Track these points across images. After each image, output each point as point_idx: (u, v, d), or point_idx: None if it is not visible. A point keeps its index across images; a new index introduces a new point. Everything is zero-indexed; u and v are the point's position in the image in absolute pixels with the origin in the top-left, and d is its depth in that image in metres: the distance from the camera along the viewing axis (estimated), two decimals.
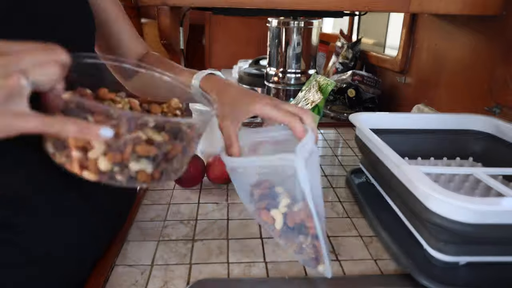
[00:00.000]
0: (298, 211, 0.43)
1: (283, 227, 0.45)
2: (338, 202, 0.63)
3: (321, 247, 0.43)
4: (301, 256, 0.45)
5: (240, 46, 1.99)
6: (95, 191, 0.45)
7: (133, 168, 0.34)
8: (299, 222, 0.44)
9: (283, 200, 0.45)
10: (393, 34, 1.38)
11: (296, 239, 0.45)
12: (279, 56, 1.11)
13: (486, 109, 0.74)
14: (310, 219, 0.42)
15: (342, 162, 0.79)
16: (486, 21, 0.75)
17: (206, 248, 0.51)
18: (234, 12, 1.09)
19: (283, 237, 0.46)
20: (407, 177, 0.46)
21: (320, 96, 0.63)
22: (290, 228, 0.45)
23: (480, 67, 0.77)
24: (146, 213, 0.59)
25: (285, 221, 0.44)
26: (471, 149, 0.68)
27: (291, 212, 0.44)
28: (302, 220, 0.44)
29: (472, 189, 0.57)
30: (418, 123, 0.68)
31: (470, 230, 0.40)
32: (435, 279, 0.43)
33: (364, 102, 1.19)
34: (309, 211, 0.41)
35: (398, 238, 0.49)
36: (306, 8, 0.69)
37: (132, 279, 0.45)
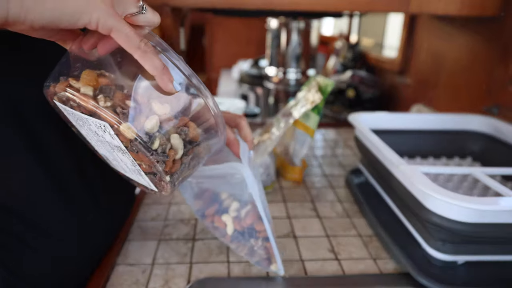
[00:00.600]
0: (246, 215, 0.45)
1: (234, 232, 0.47)
2: (337, 202, 0.63)
3: (272, 248, 0.44)
4: (253, 258, 0.47)
5: (240, 46, 2.00)
6: (95, 191, 0.45)
7: (172, 140, 0.32)
8: (248, 225, 0.46)
9: (233, 204, 0.47)
10: (392, 35, 1.38)
11: (247, 242, 0.46)
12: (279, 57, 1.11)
13: (484, 109, 0.74)
14: (259, 222, 0.44)
15: (341, 162, 0.79)
16: (485, 22, 0.76)
17: (207, 247, 0.51)
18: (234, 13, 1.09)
19: (234, 242, 0.48)
20: (406, 176, 0.47)
21: (320, 97, 0.64)
22: (240, 233, 0.46)
23: (479, 67, 0.78)
24: (147, 213, 0.59)
25: (235, 226, 0.46)
26: (469, 149, 0.68)
27: (240, 217, 0.46)
28: (251, 223, 0.45)
29: (470, 188, 0.57)
30: (417, 123, 0.68)
31: (468, 229, 0.41)
32: (433, 278, 0.43)
33: (364, 103, 1.20)
34: (258, 214, 0.43)
35: (397, 237, 0.50)
36: (305, 8, 0.69)
37: (133, 278, 0.45)
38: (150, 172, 0.33)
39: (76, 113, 0.30)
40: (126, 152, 0.32)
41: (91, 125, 0.31)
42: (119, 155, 0.33)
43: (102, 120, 0.29)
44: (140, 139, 0.29)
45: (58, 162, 0.40)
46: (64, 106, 0.31)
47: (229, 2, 0.68)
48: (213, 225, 0.49)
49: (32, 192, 0.39)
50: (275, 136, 0.65)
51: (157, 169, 0.32)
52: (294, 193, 0.66)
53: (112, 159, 0.36)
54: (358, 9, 0.71)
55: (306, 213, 0.60)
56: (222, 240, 0.50)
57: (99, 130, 0.31)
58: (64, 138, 0.41)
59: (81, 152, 0.42)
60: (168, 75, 0.30)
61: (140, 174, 0.35)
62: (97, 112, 0.29)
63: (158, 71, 0.29)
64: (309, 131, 0.66)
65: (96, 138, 0.33)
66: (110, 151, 0.34)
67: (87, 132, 0.33)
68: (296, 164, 0.69)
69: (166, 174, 0.32)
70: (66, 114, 0.33)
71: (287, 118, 0.66)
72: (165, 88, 0.30)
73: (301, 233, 0.54)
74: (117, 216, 0.53)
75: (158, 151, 0.31)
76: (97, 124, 0.30)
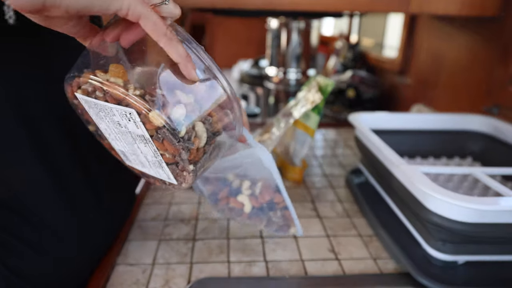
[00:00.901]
0: (262, 191, 0.47)
1: (252, 209, 0.48)
2: (337, 202, 0.63)
3: (291, 214, 0.46)
4: (271, 228, 0.48)
5: (240, 46, 2.00)
6: (95, 190, 0.45)
7: (196, 128, 0.32)
8: (267, 201, 0.47)
9: (244, 184, 0.48)
10: (392, 35, 1.38)
11: (265, 215, 0.48)
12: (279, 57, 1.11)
13: (484, 109, 0.74)
14: (278, 194, 0.46)
15: (341, 162, 0.79)
16: (485, 22, 0.76)
17: (207, 247, 0.51)
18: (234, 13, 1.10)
19: (252, 218, 0.48)
20: (406, 176, 0.47)
21: (320, 97, 0.64)
22: (259, 209, 0.48)
23: (479, 67, 0.78)
24: (147, 213, 0.59)
25: (252, 203, 0.47)
26: (469, 149, 0.68)
27: (255, 194, 0.47)
28: (270, 199, 0.47)
29: (470, 188, 0.57)
30: (417, 123, 0.68)
31: (468, 229, 0.41)
32: (433, 278, 0.43)
33: (364, 102, 1.20)
34: (273, 187, 0.45)
35: (397, 237, 0.50)
36: (305, 8, 0.69)
37: (133, 278, 0.45)
38: (173, 163, 0.34)
39: (100, 104, 0.31)
40: (150, 142, 0.32)
41: (115, 115, 0.31)
42: (141, 146, 0.34)
43: (131, 107, 0.29)
44: (168, 126, 0.30)
45: (60, 161, 0.41)
46: (87, 98, 0.31)
47: (229, 2, 0.68)
48: (228, 206, 0.49)
49: (33, 191, 0.39)
50: (275, 136, 0.65)
51: (182, 157, 0.32)
52: (294, 193, 0.66)
53: (131, 153, 0.36)
54: (358, 9, 0.71)
55: (306, 213, 0.60)
56: (238, 220, 0.50)
57: (123, 119, 0.31)
58: (66, 136, 0.41)
59: (82, 151, 0.42)
60: (192, 63, 0.30)
61: (161, 166, 0.35)
62: (126, 99, 0.29)
63: (182, 59, 0.30)
64: (309, 131, 0.66)
65: (117, 130, 0.34)
66: (130, 143, 0.34)
67: (107, 125, 0.34)
68: (296, 164, 0.69)
69: (190, 163, 0.33)
70: (87, 107, 0.33)
71: (287, 118, 0.66)
72: (188, 75, 0.31)
73: None
74: (118, 215, 0.53)
75: (185, 138, 0.31)
76: (123, 113, 0.30)
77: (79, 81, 0.31)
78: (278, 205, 0.47)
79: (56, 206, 0.40)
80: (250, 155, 0.43)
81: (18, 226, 0.38)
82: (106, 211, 0.48)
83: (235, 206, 0.48)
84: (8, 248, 0.37)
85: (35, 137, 0.38)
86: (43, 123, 0.39)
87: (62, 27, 0.29)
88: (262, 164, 0.43)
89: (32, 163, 0.38)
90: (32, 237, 0.38)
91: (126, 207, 0.57)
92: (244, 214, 0.48)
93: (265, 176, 0.46)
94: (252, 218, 0.49)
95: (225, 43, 2.03)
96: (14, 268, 0.37)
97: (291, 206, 0.46)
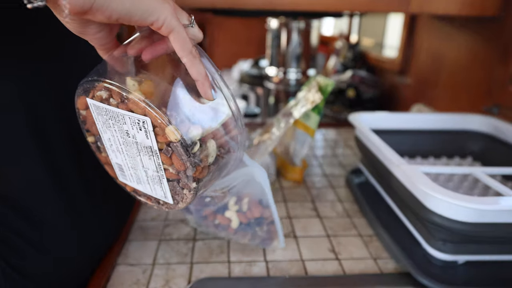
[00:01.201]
0: (250, 207, 0.47)
1: (240, 225, 0.48)
2: (338, 202, 0.63)
3: (277, 228, 0.48)
4: (255, 241, 0.49)
5: (240, 46, 2.00)
6: (96, 190, 0.45)
7: (208, 144, 0.33)
8: (256, 217, 0.47)
9: (231, 200, 0.48)
10: (392, 35, 1.38)
11: (251, 230, 0.48)
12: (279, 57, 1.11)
13: (484, 109, 0.74)
14: (267, 210, 0.47)
15: (342, 162, 0.79)
16: (485, 22, 0.76)
17: (207, 247, 0.51)
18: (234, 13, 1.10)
19: (238, 233, 0.49)
20: (406, 176, 0.47)
21: (320, 97, 0.64)
22: (246, 224, 0.48)
23: (479, 67, 0.78)
24: (147, 213, 0.59)
25: (240, 219, 0.48)
26: (470, 149, 0.68)
27: (241, 210, 0.48)
28: (260, 214, 0.47)
29: (471, 188, 0.57)
30: (417, 123, 0.68)
31: (468, 229, 0.41)
32: (434, 278, 0.43)
33: (364, 102, 1.20)
34: (267, 204, 0.46)
35: (398, 237, 0.50)
36: (305, 8, 0.69)
37: (133, 278, 0.45)
38: (174, 179, 0.34)
39: (112, 110, 0.31)
40: (156, 154, 0.32)
41: (125, 123, 0.31)
42: (144, 159, 0.33)
43: (147, 116, 0.30)
44: (183, 141, 0.30)
45: (60, 161, 0.41)
46: (99, 104, 0.31)
47: (229, 2, 0.68)
48: (214, 223, 0.49)
49: (33, 190, 0.39)
50: (275, 136, 0.65)
51: (187, 173, 0.32)
52: (294, 193, 0.66)
53: (130, 166, 0.36)
54: (358, 9, 0.71)
55: (307, 213, 0.60)
56: (223, 235, 0.50)
57: (134, 127, 0.31)
58: (67, 137, 0.41)
59: (82, 151, 0.43)
60: (209, 82, 0.31)
61: (160, 182, 0.35)
62: (146, 109, 0.29)
63: (202, 77, 0.31)
64: (309, 131, 0.66)
65: (121, 141, 0.34)
66: (133, 156, 0.34)
67: (112, 135, 0.34)
68: (297, 164, 0.69)
69: (193, 180, 0.33)
70: (95, 114, 0.33)
71: (287, 118, 0.66)
72: (205, 94, 0.32)
73: (302, 233, 0.54)
74: (118, 216, 0.53)
75: (196, 154, 0.32)
76: (136, 121, 0.30)
77: (96, 85, 0.31)
78: (266, 220, 0.48)
79: (57, 206, 0.40)
80: (244, 173, 0.43)
81: (19, 225, 0.38)
82: (106, 211, 0.48)
83: (221, 222, 0.49)
84: (10, 246, 0.37)
85: (39, 136, 0.38)
86: (47, 123, 0.39)
87: (92, 36, 0.30)
88: (255, 181, 0.44)
89: (34, 162, 0.38)
90: (33, 236, 0.38)
91: (126, 208, 0.57)
92: (231, 229, 0.49)
93: (257, 193, 0.46)
94: (237, 233, 0.49)
95: (225, 43, 2.03)
96: (16, 266, 0.37)
97: (278, 220, 0.47)
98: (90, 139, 0.37)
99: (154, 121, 0.29)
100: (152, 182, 0.35)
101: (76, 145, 0.42)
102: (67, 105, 0.37)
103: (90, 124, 0.36)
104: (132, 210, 0.59)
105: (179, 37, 0.29)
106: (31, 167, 0.38)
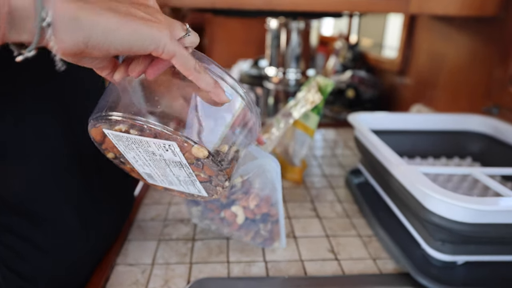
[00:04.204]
0: (259, 203, 0.47)
1: (245, 221, 0.48)
2: (337, 202, 0.63)
3: (280, 227, 0.48)
4: (256, 240, 0.49)
5: (240, 47, 2.00)
6: (96, 190, 0.45)
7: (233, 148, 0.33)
8: (263, 213, 0.47)
9: (239, 193, 0.48)
10: (392, 35, 1.38)
11: (255, 227, 0.48)
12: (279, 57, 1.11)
13: (484, 109, 0.74)
14: (274, 208, 0.47)
15: (341, 162, 0.79)
16: (484, 22, 0.76)
17: (206, 248, 0.51)
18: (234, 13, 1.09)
19: (242, 229, 0.49)
20: (405, 177, 0.47)
21: (320, 97, 0.63)
22: (252, 220, 0.48)
23: (478, 68, 0.78)
24: (146, 213, 0.59)
25: (246, 215, 0.48)
26: (469, 149, 0.68)
27: (248, 206, 0.47)
28: (267, 210, 0.47)
29: (470, 189, 0.57)
30: (416, 123, 0.68)
31: (468, 229, 0.41)
32: (433, 278, 0.43)
33: (363, 103, 1.20)
34: (275, 201, 0.46)
35: (397, 237, 0.50)
36: (305, 9, 0.69)
37: (132, 278, 0.45)
38: (207, 181, 0.35)
39: (134, 138, 0.31)
40: (186, 166, 0.33)
41: (150, 147, 0.32)
42: (174, 170, 0.34)
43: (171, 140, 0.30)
44: (212, 156, 0.31)
45: (60, 161, 0.41)
46: (120, 134, 0.31)
47: (229, 2, 0.68)
48: (219, 216, 0.49)
49: (33, 191, 0.39)
50: (275, 136, 0.65)
51: (219, 178, 0.33)
52: (293, 193, 0.66)
53: (159, 174, 0.36)
54: (358, 10, 0.71)
55: (306, 213, 0.60)
56: (225, 231, 0.50)
57: (159, 149, 0.32)
58: (67, 137, 0.41)
59: (82, 152, 0.42)
60: (220, 88, 0.31)
61: (194, 184, 0.36)
62: (172, 136, 0.30)
63: (212, 87, 0.30)
64: (308, 131, 0.66)
65: (147, 158, 0.34)
66: (162, 168, 0.35)
67: (136, 154, 0.34)
68: (296, 164, 0.69)
69: (225, 180, 0.34)
70: (116, 141, 0.33)
71: (287, 118, 0.66)
72: (220, 100, 0.31)
73: (301, 233, 0.54)
74: (117, 216, 0.53)
75: (224, 160, 0.32)
76: (161, 145, 0.31)
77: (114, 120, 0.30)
78: (271, 217, 0.48)
79: (56, 206, 0.40)
80: (256, 166, 0.43)
81: (18, 225, 0.38)
82: (106, 211, 0.48)
83: (227, 217, 0.48)
84: (8, 246, 0.37)
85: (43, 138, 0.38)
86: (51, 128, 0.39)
87: (89, 64, 0.30)
88: (266, 174, 0.44)
89: (34, 162, 0.38)
90: (32, 236, 0.38)
91: (126, 208, 0.57)
92: (235, 225, 0.48)
93: (266, 187, 0.46)
94: (241, 230, 0.49)
95: (224, 43, 2.03)
96: (14, 267, 0.37)
97: (282, 220, 0.47)
98: (110, 155, 0.37)
99: (180, 144, 0.30)
100: (185, 184, 0.36)
101: (75, 145, 0.42)
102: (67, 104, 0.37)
103: (109, 147, 0.35)
104: (131, 210, 0.59)
105: (181, 60, 0.29)
106: (31, 167, 0.38)
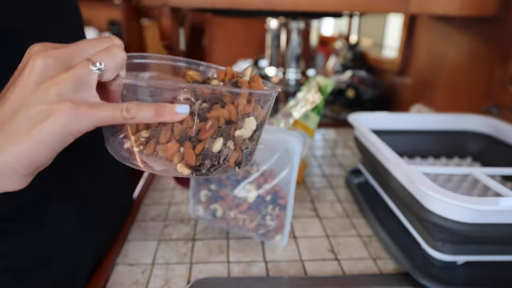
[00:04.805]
0: (271, 181, 0.48)
1: (256, 199, 0.48)
2: (337, 202, 0.63)
3: (286, 217, 0.49)
4: (259, 231, 0.49)
5: (240, 47, 2.00)
6: (95, 190, 0.45)
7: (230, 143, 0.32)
8: (275, 191, 0.48)
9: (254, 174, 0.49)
10: (392, 35, 1.38)
11: (263, 211, 0.49)
12: (279, 57, 1.11)
13: (484, 109, 0.74)
14: (286, 189, 0.47)
15: (341, 162, 0.79)
16: (484, 22, 0.76)
17: (206, 248, 0.51)
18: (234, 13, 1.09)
19: (250, 211, 0.49)
20: (405, 176, 0.47)
21: (320, 97, 0.64)
22: (262, 199, 0.48)
23: (478, 67, 0.78)
24: (146, 213, 0.59)
25: (258, 193, 0.48)
26: (469, 149, 0.68)
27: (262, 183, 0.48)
28: (279, 189, 0.48)
29: (470, 189, 0.57)
30: (416, 123, 0.68)
31: (468, 229, 0.41)
32: (433, 278, 0.43)
33: (364, 103, 1.20)
34: (290, 180, 0.47)
35: (397, 237, 0.50)
36: (305, 9, 0.69)
37: (133, 278, 0.45)
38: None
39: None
40: None
41: None
42: None
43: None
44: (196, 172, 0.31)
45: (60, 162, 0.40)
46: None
47: (229, 2, 0.68)
48: (232, 194, 0.49)
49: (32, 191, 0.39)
50: None
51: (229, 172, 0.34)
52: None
53: None
54: (358, 10, 0.71)
55: (306, 213, 0.60)
56: (231, 214, 0.50)
57: None
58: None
59: (82, 152, 0.42)
60: (166, 109, 0.28)
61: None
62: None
63: (157, 116, 0.27)
64: (309, 131, 0.66)
65: None
66: None
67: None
68: None
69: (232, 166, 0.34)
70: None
71: (287, 118, 0.66)
72: (175, 118, 0.28)
73: (301, 233, 0.54)
74: (117, 216, 0.53)
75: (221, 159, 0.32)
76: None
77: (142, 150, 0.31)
78: (280, 200, 0.48)
79: (55, 206, 0.40)
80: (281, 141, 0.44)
81: (18, 223, 0.38)
82: (106, 211, 0.48)
83: (238, 195, 0.49)
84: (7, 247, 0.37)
85: None
86: None
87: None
88: (287, 153, 0.44)
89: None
90: (31, 236, 0.38)
91: (125, 208, 0.57)
92: (245, 204, 0.48)
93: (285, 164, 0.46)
94: (249, 212, 0.49)
95: (224, 43, 2.03)
96: (13, 266, 0.37)
97: (291, 207, 0.48)
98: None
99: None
100: None
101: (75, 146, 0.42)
102: None
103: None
104: (130, 211, 0.59)
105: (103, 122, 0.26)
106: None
